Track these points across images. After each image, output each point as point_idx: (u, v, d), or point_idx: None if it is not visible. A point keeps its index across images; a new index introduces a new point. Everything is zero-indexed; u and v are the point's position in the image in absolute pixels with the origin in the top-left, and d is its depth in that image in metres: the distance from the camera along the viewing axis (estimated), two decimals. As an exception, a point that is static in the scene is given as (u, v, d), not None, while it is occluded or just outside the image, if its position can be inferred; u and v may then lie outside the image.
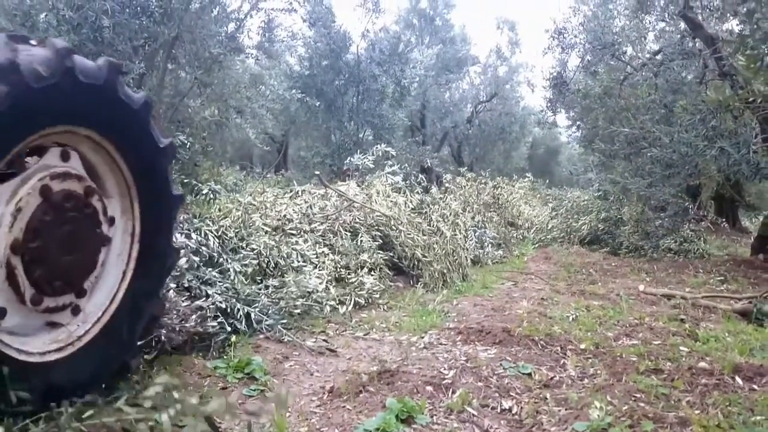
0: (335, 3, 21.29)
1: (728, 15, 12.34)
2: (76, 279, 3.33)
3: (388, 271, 8.22)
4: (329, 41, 19.26)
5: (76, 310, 3.38)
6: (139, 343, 3.77)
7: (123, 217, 3.62)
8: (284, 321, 5.58)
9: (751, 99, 7.27)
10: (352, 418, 3.66)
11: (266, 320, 5.40)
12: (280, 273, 6.54)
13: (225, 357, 4.55)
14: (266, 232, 7.20)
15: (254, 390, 4.03)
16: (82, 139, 3.29)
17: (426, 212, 9.96)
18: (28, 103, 2.82)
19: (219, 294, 5.39)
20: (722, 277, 10.27)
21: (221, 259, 6.07)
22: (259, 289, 6.01)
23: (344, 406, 3.84)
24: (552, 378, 4.55)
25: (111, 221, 3.53)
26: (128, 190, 3.59)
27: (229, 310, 5.31)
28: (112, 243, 3.56)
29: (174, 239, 4.18)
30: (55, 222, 3.14)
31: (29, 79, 2.80)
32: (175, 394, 2.33)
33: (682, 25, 13.28)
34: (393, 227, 8.79)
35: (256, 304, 5.55)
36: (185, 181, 9.14)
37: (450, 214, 10.59)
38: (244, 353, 4.64)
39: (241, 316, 5.30)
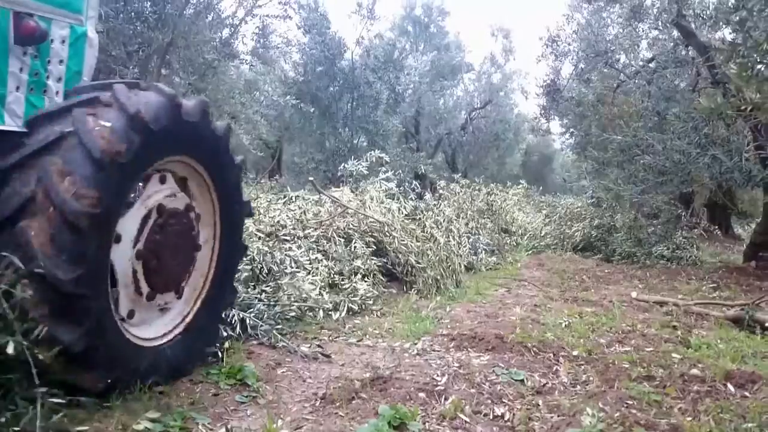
0: (330, 10, 21.35)
1: (721, 23, 12.42)
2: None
3: (382, 278, 8.21)
4: (324, 48, 19.31)
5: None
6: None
7: (207, 215, 4.48)
8: (279, 326, 5.56)
9: (743, 107, 7.32)
10: (345, 425, 3.65)
11: (261, 326, 5.38)
12: (273, 279, 6.52)
13: (218, 362, 4.52)
14: (259, 238, 7.17)
15: (246, 396, 4.01)
16: (183, 165, 4.15)
17: (420, 219, 9.96)
18: (150, 141, 3.55)
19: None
20: (715, 284, 10.31)
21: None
22: (253, 295, 5.98)
23: (337, 413, 3.82)
24: (544, 384, 4.55)
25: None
26: (211, 200, 4.46)
27: (224, 315, 5.29)
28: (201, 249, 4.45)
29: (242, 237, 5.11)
30: (180, 219, 4.12)
31: (151, 123, 3.53)
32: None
33: (675, 33, 13.37)
34: (387, 233, 8.77)
35: (251, 310, 5.53)
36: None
37: (444, 220, 10.60)
38: (236, 359, 4.62)
39: (235, 321, 5.28)
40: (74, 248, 3.18)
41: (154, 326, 4.04)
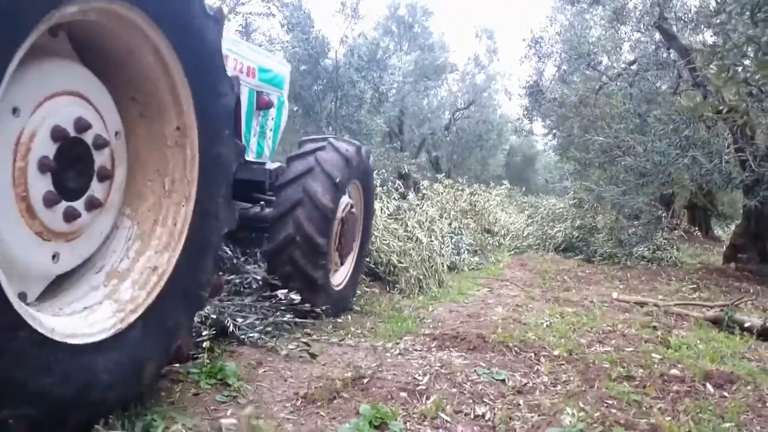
0: (313, 9, 21.29)
1: (702, 26, 12.55)
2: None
3: (364, 277, 8.20)
4: (307, 46, 19.22)
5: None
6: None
7: (359, 223, 7.05)
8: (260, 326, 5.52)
9: (720, 107, 7.39)
10: (326, 425, 3.63)
11: (243, 322, 5.33)
12: (255, 277, 6.54)
13: (198, 361, 4.48)
14: (242, 237, 7.15)
15: (227, 396, 3.98)
16: (354, 187, 6.74)
17: (403, 218, 9.96)
18: (351, 168, 6.22)
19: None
20: (695, 285, 10.40)
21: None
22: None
23: (318, 413, 3.80)
24: (525, 384, 4.56)
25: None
26: (360, 214, 7.02)
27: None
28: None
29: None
30: (353, 219, 6.73)
31: (361, 158, 6.49)
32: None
33: (657, 36, 13.49)
34: (369, 233, 8.76)
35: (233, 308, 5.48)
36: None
37: (426, 220, 10.61)
38: (217, 358, 4.58)
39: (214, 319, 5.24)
40: (333, 193, 5.89)
41: (334, 277, 6.45)
